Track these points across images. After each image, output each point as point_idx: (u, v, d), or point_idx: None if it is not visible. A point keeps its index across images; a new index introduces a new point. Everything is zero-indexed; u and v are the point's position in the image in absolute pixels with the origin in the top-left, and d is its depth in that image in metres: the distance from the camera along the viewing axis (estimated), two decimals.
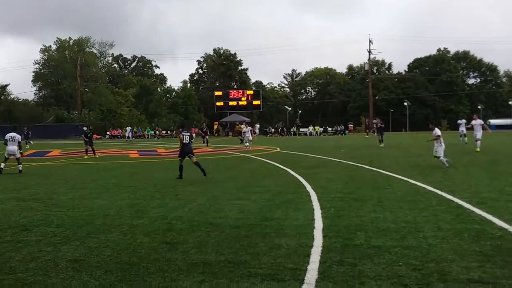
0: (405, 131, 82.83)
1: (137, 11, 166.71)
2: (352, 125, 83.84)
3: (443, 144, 16.62)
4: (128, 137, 63.69)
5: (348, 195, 10.93)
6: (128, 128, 65.52)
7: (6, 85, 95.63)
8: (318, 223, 7.91)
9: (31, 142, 41.31)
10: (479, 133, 24.73)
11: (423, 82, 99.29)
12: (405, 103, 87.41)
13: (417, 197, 10.51)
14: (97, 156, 26.85)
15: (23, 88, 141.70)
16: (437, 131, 16.77)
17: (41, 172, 18.63)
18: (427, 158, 21.47)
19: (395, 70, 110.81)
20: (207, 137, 38.33)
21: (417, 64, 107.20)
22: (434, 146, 16.82)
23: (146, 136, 73.92)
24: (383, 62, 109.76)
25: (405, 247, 6.38)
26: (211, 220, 8.34)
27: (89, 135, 27.26)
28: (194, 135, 16.94)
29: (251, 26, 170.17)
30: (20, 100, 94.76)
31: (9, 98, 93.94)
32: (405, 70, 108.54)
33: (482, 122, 25.72)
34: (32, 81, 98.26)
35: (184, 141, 15.60)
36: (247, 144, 31.19)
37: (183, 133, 15.88)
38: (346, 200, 10.18)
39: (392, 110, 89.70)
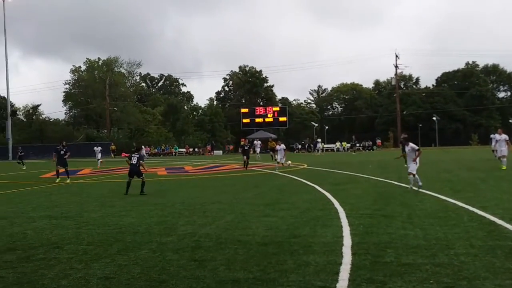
0: (435, 146, 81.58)
1: (161, 29, 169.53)
2: (380, 141, 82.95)
3: (418, 162, 15.10)
4: (144, 155, 64.16)
5: (377, 211, 10.81)
6: (143, 147, 66.10)
7: (38, 106, 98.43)
8: (347, 240, 7.84)
9: (24, 164, 39.72)
10: (504, 149, 23.09)
11: (452, 96, 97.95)
12: (434, 118, 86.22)
13: (448, 213, 10.32)
14: (68, 181, 22.72)
15: (54, 108, 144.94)
16: (415, 146, 15.23)
17: (72, 190, 18.98)
18: (457, 173, 21.13)
19: (422, 84, 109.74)
20: (245, 157, 30.48)
21: (445, 78, 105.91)
22: (408, 161, 15.30)
23: (173, 153, 74.68)
24: (410, 76, 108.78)
25: (436, 264, 6.27)
26: (239, 237, 8.35)
27: (62, 152, 23.46)
28: (145, 155, 15.55)
29: (274, 42, 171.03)
30: (51, 120, 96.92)
31: (41, 118, 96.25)
32: (433, 85, 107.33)
33: (507, 138, 23.78)
34: (62, 101, 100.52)
35: (132, 162, 16.81)
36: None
37: (133, 155, 17.05)
38: (375, 217, 10.06)
39: (420, 125, 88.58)
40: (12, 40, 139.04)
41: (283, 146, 28.65)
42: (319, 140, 65.82)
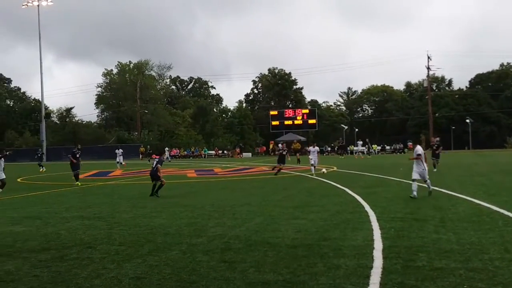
0: (468, 149, 79.91)
1: (189, 32, 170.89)
2: (411, 143, 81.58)
3: (425, 166, 14.23)
4: (167, 158, 64.56)
5: (409, 215, 10.65)
6: (166, 149, 66.59)
7: (71, 108, 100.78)
8: (378, 244, 7.75)
9: (43, 166, 39.49)
10: None
11: (485, 98, 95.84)
12: (467, 120, 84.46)
13: (482, 217, 10.10)
14: (78, 184, 22.24)
15: (86, 111, 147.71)
16: (418, 150, 14.37)
17: (104, 192, 19.32)
18: (492, 177, 20.65)
19: (455, 86, 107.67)
20: (280, 166, 27.34)
21: (479, 80, 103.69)
22: (414, 168, 14.19)
23: (203, 155, 75.18)
24: (442, 78, 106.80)
25: (470, 269, 6.14)
26: (269, 240, 8.34)
27: (77, 156, 23.02)
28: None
29: (303, 44, 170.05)
30: (83, 122, 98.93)
31: (74, 120, 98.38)
32: (466, 86, 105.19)
33: None
34: (95, 103, 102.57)
35: (152, 166, 17.41)
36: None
37: (154, 159, 17.89)
38: (407, 220, 9.92)
39: (453, 127, 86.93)
40: (46, 44, 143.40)
41: (317, 148, 26.54)
42: (359, 142, 64.99)
